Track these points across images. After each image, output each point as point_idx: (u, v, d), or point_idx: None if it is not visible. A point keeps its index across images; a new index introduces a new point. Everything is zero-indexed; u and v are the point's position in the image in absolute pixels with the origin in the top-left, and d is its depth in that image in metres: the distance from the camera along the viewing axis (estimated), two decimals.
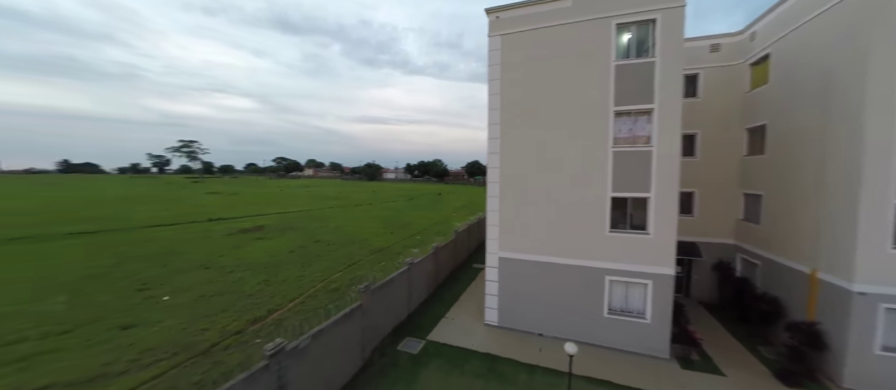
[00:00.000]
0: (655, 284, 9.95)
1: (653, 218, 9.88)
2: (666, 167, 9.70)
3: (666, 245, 9.79)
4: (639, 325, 10.21)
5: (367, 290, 9.72)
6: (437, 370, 9.54)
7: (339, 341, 8.61)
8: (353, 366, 9.27)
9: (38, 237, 24.70)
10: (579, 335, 10.72)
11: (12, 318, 12.26)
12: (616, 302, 10.55)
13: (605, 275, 10.46)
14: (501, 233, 11.72)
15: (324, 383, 8.03)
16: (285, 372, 6.79)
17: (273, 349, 6.54)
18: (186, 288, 15.58)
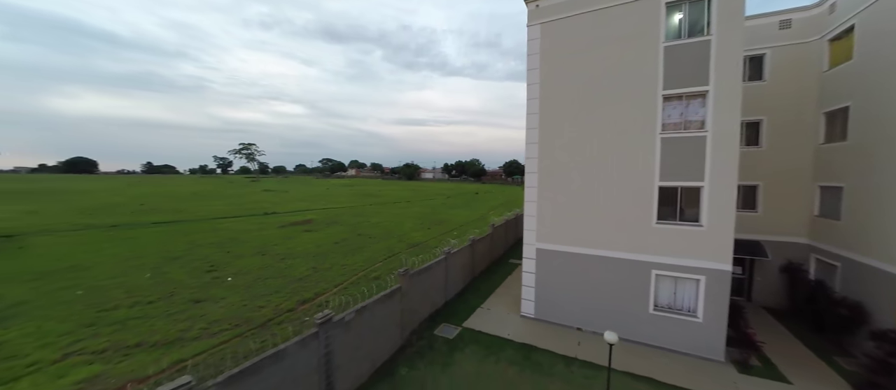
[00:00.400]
0: (709, 280, 9.23)
1: (706, 208, 9.17)
2: (722, 153, 8.96)
3: (722, 238, 9.04)
4: (689, 324, 9.54)
5: (405, 274, 10.12)
6: (473, 355, 9.68)
7: (380, 320, 9.07)
8: (392, 346, 9.71)
9: (130, 225, 28.70)
10: (621, 331, 10.24)
11: (110, 290, 14.44)
12: (663, 299, 9.94)
13: (652, 269, 9.90)
14: (539, 225, 11.55)
15: (365, 356, 8.53)
16: (332, 341, 7.34)
17: (322, 318, 7.11)
18: (246, 271, 17.24)
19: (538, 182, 11.47)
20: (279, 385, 6.25)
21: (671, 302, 9.85)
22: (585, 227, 10.81)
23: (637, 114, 9.91)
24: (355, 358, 8.19)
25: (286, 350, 6.40)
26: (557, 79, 11.11)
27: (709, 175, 9.11)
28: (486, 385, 8.37)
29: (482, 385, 8.37)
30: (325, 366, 7.24)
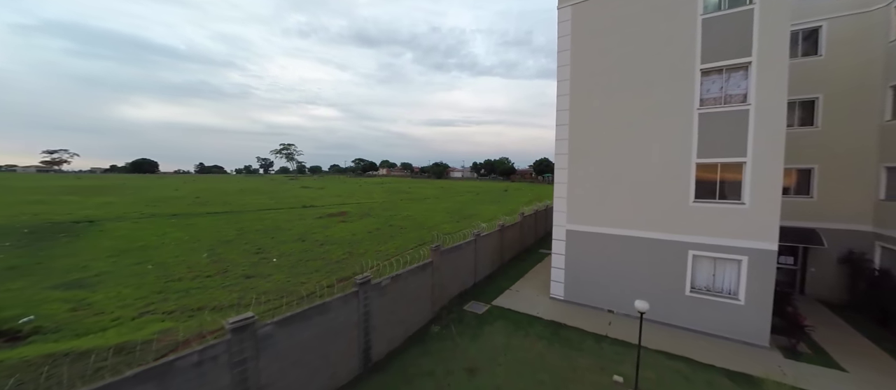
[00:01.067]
0: (752, 261, 8.81)
1: (749, 186, 8.77)
2: (768, 127, 8.54)
3: (766, 216, 8.61)
4: (729, 307, 9.15)
5: (437, 250, 10.56)
6: (502, 329, 9.91)
7: (413, 290, 9.57)
8: (424, 317, 10.17)
9: (187, 214, 31.70)
10: (656, 315, 10.02)
11: (174, 266, 16.19)
12: (701, 280, 9.60)
13: (688, 250, 9.60)
14: (570, 207, 11.54)
15: (399, 322, 9.05)
16: (370, 302, 7.92)
17: (361, 280, 7.71)
18: (288, 254, 18.58)
19: (569, 163, 11.46)
20: (324, 334, 6.90)
21: (709, 284, 9.50)
22: (618, 208, 10.67)
23: (672, 91, 9.67)
24: (390, 322, 8.73)
25: (330, 304, 7.04)
26: (589, 59, 11.06)
27: (752, 150, 8.71)
28: (515, 355, 8.57)
29: (511, 355, 8.59)
30: (364, 324, 7.83)
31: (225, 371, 5.31)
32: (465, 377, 7.68)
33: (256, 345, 5.70)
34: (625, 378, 7.58)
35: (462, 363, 8.21)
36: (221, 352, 5.29)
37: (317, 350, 6.79)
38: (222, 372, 5.28)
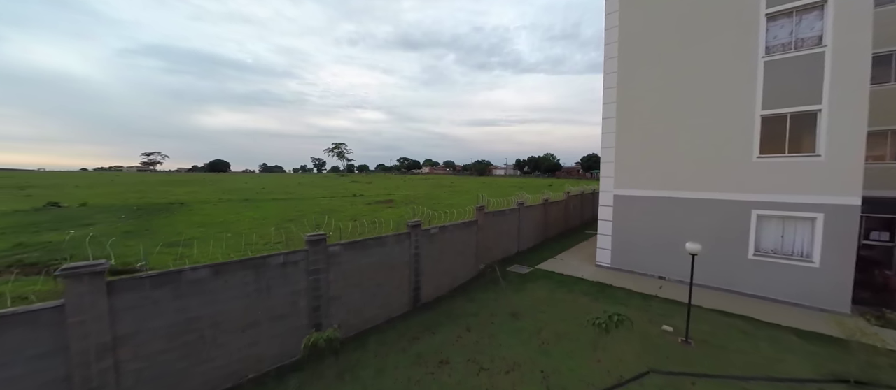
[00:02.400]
0: (829, 218, 8.04)
1: (825, 135, 8.02)
2: (849, 69, 7.75)
3: (847, 168, 7.82)
4: (801, 270, 8.42)
5: (481, 210, 11.00)
6: (545, 286, 10.08)
7: (458, 244, 10.12)
8: (468, 274, 10.67)
9: (256, 200, 35.62)
10: (714, 281, 9.50)
11: (248, 235, 18.48)
12: (766, 242, 8.93)
13: (752, 209, 8.99)
14: (618, 171, 11.30)
15: (445, 272, 9.64)
16: (419, 245, 8.61)
17: (412, 223, 8.43)
18: (342, 229, 20.20)
19: (617, 126, 11.24)
20: (381, 265, 7.71)
21: (777, 247, 8.81)
22: (671, 168, 10.27)
23: (733, 40, 9.12)
24: (437, 271, 9.36)
25: (386, 239, 7.85)
26: (639, 14, 10.76)
27: (829, 96, 7.96)
28: (558, 306, 8.72)
29: (554, 306, 8.75)
30: (415, 265, 8.54)
31: (303, 275, 6.28)
32: (509, 318, 8.04)
33: (327, 260, 6.63)
34: (675, 328, 7.41)
35: (505, 309, 8.56)
36: (300, 259, 6.27)
37: (374, 278, 7.61)
38: (301, 276, 6.25)
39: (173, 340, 4.90)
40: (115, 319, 4.41)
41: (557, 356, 6.41)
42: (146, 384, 4.69)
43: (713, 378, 5.80)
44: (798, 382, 5.68)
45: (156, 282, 4.75)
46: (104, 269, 4.29)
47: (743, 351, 6.57)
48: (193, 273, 5.09)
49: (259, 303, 5.76)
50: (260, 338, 5.80)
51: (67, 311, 4.09)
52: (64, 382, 4.11)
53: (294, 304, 6.22)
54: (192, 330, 5.07)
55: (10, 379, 3.81)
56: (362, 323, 7.45)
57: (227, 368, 5.45)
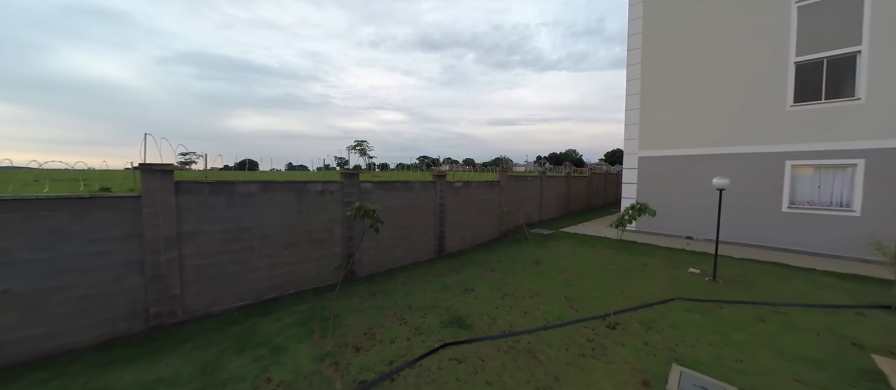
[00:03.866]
0: (870, 164, 7.72)
1: (866, 77, 7.71)
2: (891, 6, 7.43)
3: (891, 109, 7.49)
4: (840, 220, 8.10)
5: (503, 173, 11.21)
6: (567, 243, 10.15)
7: (481, 203, 10.37)
8: (490, 234, 10.89)
9: None
10: (745, 237, 9.28)
11: None
12: (802, 193, 8.64)
13: (786, 160, 8.73)
14: (642, 132, 11.20)
15: (468, 228, 9.92)
16: (444, 196, 8.94)
17: (437, 173, 8.77)
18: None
19: (641, 87, 11.15)
20: (408, 208, 8.10)
21: (813, 198, 8.51)
22: (698, 125, 10.09)
23: None
24: (461, 225, 9.65)
25: (413, 184, 8.22)
26: None
27: (869, 37, 7.65)
28: (581, 257, 8.79)
29: (577, 258, 8.83)
30: (440, 214, 8.87)
31: (338, 205, 6.74)
32: (532, 265, 8.20)
33: (360, 195, 7.07)
34: (702, 271, 7.35)
35: (529, 258, 8.72)
36: (336, 190, 6.74)
37: (402, 221, 8.00)
38: (336, 205, 6.72)
39: (226, 245, 5.45)
40: (180, 216, 4.99)
41: (581, 288, 6.54)
42: (203, 281, 5.25)
43: (742, 304, 5.76)
44: (835, 308, 5.55)
45: (213, 188, 5.31)
46: (173, 169, 4.88)
47: (775, 288, 6.45)
48: (245, 186, 5.63)
49: (300, 225, 6.26)
50: (300, 259, 6.30)
51: (143, 202, 4.68)
52: (138, 265, 4.71)
53: (330, 232, 6.69)
54: (242, 239, 5.60)
55: (100, 254, 4.43)
56: (391, 262, 7.85)
57: (271, 281, 5.96)
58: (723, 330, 4.82)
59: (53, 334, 4.18)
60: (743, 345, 4.44)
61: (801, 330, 4.81)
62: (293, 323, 5.08)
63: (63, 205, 4.20)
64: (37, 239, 4.05)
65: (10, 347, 3.95)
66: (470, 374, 3.85)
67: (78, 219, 4.29)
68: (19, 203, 3.96)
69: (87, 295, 4.37)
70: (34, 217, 4.04)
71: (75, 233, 4.27)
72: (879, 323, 5.02)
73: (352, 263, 6.98)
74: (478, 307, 5.66)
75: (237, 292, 5.59)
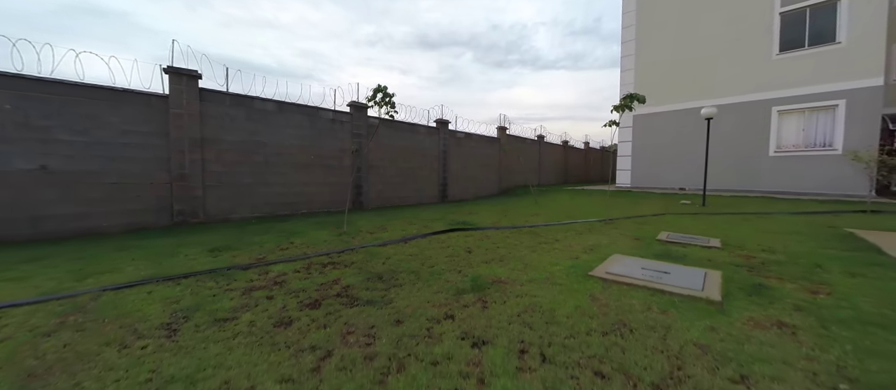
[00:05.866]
0: (851, 103, 8.16)
1: (846, 21, 8.17)
2: None
3: (869, 51, 7.94)
4: (824, 159, 8.53)
5: (503, 130, 11.57)
6: (566, 194, 10.53)
7: (482, 158, 10.72)
8: (491, 189, 11.24)
9: None
10: (736, 184, 9.69)
11: None
12: (787, 137, 9.08)
13: (772, 107, 9.16)
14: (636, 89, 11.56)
15: (469, 179, 10.25)
16: (447, 144, 9.29)
17: (440, 120, 9.11)
18: None
19: (636, 48, 11.57)
20: (414, 150, 8.42)
21: (798, 140, 8.94)
22: (690, 80, 10.52)
23: None
24: (462, 176, 10.00)
25: (418, 127, 8.57)
26: None
27: None
28: (581, 201, 9.15)
29: (577, 202, 9.19)
30: (443, 160, 9.21)
31: (348, 133, 7.07)
32: (531, 204, 8.55)
33: (367, 128, 7.40)
34: (692, 202, 7.74)
35: (530, 204, 9.08)
36: (346, 120, 7.07)
37: (408, 161, 8.33)
38: (346, 134, 7.04)
39: (245, 157, 5.76)
40: (203, 122, 5.30)
41: (582, 208, 6.92)
42: (223, 187, 5.55)
43: (730, 214, 6.15)
44: (815, 214, 5.95)
45: (234, 100, 5.63)
46: (199, 75, 5.19)
47: (761, 207, 6.85)
48: (262, 103, 5.95)
49: (312, 149, 6.58)
50: (312, 180, 6.61)
51: (170, 103, 4.99)
52: (165, 162, 5.01)
53: (340, 160, 7.01)
54: (259, 153, 5.92)
55: (130, 145, 4.73)
56: (397, 200, 8.18)
57: (285, 198, 6.28)
58: (710, 224, 5.21)
59: (86, 216, 4.47)
60: (729, 228, 4.83)
61: (782, 223, 5.21)
62: (310, 224, 5.40)
63: (99, 94, 4.50)
64: (74, 122, 4.35)
65: (48, 223, 4.24)
66: (474, 240, 4.19)
67: (112, 109, 4.59)
68: (61, 86, 4.26)
69: (118, 184, 4.67)
70: (73, 101, 4.34)
71: (109, 122, 4.58)
72: (853, 218, 5.44)
73: (361, 193, 7.31)
74: (482, 220, 6.01)
75: (254, 203, 5.90)
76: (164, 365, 1.54)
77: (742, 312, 2.00)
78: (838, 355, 1.54)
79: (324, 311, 2.12)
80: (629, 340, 1.71)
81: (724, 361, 1.51)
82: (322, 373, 1.48)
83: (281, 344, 1.73)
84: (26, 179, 4.09)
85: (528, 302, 2.20)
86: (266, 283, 2.64)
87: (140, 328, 1.92)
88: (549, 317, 1.97)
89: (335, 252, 3.62)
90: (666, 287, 2.34)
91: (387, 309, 2.14)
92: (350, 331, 1.86)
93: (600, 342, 1.69)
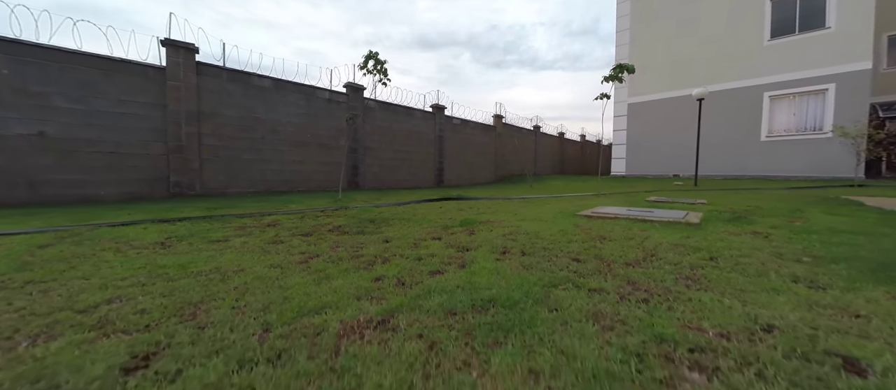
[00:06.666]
0: (840, 87, 8.28)
1: (834, 6, 8.30)
2: None
3: (857, 34, 8.07)
4: (814, 143, 8.64)
5: (498, 118, 11.66)
6: (561, 181, 10.61)
7: (478, 145, 10.80)
8: (487, 177, 11.31)
9: None
10: (728, 169, 9.79)
11: None
12: (778, 122, 9.19)
13: (764, 92, 9.28)
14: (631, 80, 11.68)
15: (465, 166, 10.33)
16: (443, 129, 9.36)
17: (436, 105, 9.19)
18: None
19: (631, 37, 11.69)
20: (410, 134, 8.49)
21: (788, 125, 9.06)
22: (684, 67, 10.62)
23: None
24: (459, 162, 10.07)
25: (414, 111, 8.64)
26: None
27: None
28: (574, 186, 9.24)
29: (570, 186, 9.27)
30: (439, 145, 9.28)
31: (343, 113, 7.13)
32: (527, 188, 8.64)
33: (364, 110, 7.47)
34: (684, 183, 7.83)
35: (524, 186, 9.17)
36: (342, 100, 7.13)
37: (405, 145, 8.39)
38: (342, 114, 7.10)
39: (242, 132, 5.81)
40: (200, 95, 5.36)
41: (577, 189, 6.99)
42: (220, 161, 5.60)
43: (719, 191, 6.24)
44: (806, 189, 6.05)
45: (231, 75, 5.69)
46: (196, 49, 5.25)
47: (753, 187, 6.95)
48: (259, 80, 6.01)
49: (308, 127, 6.64)
50: (308, 159, 6.67)
51: (168, 74, 5.05)
52: (162, 133, 5.06)
53: (336, 139, 7.06)
54: (256, 129, 5.97)
55: (127, 115, 4.78)
56: (393, 183, 8.24)
57: (282, 176, 6.33)
58: (700, 195, 5.30)
59: (84, 183, 4.51)
60: (718, 197, 4.92)
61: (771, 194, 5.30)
62: (306, 197, 5.46)
63: (97, 63, 4.56)
64: (72, 89, 4.40)
65: (46, 188, 4.28)
66: (468, 206, 4.25)
67: (109, 79, 4.65)
68: (58, 53, 4.32)
69: (116, 153, 4.72)
70: (70, 68, 4.39)
71: (106, 91, 4.63)
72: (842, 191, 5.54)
73: (357, 173, 7.36)
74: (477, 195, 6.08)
75: (250, 179, 5.95)
76: (157, 261, 1.60)
77: (719, 230, 2.07)
78: (805, 246, 1.62)
79: (315, 238, 2.18)
80: (607, 244, 1.77)
81: (696, 251, 1.58)
82: (309, 264, 1.54)
83: (271, 251, 1.79)
84: (24, 144, 4.14)
85: (514, 228, 2.27)
86: (260, 225, 2.69)
87: (135, 244, 1.98)
88: (534, 236, 2.03)
89: (330, 209, 3.68)
90: (648, 218, 2.41)
91: (376, 235, 2.20)
92: (339, 246, 1.93)
93: (580, 246, 1.76)
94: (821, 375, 0.67)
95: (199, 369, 0.73)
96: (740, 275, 1.23)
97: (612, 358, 0.74)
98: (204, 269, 1.44)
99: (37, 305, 1.07)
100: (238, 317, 0.97)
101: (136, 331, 0.90)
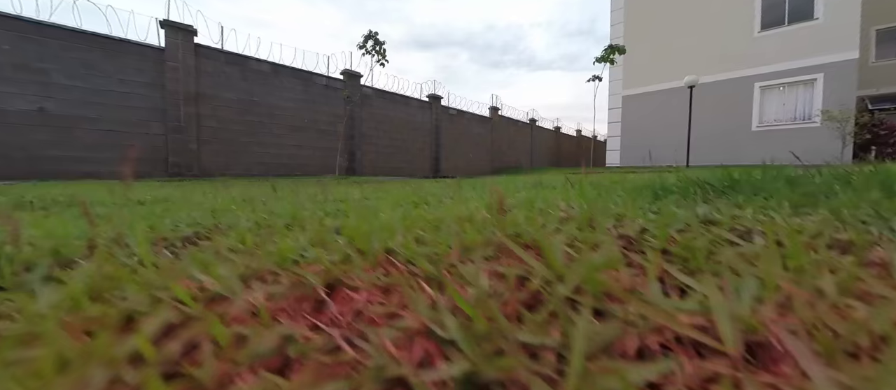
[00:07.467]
0: (828, 77, 8.46)
1: None
2: None
3: (845, 25, 8.24)
4: (803, 131, 8.82)
5: (495, 111, 11.76)
6: (558, 174, 10.75)
7: (474, 137, 10.90)
8: (483, 169, 11.42)
9: None
10: (720, 158, 9.92)
11: None
12: (769, 112, 9.37)
13: (754, 83, 9.45)
14: (626, 71, 11.84)
15: (462, 157, 10.43)
16: (440, 119, 9.46)
17: (432, 95, 9.28)
18: None
19: (625, 31, 11.83)
20: (407, 123, 8.58)
21: (778, 115, 9.24)
22: (678, 59, 10.75)
23: None
24: (455, 152, 10.17)
25: (411, 100, 8.73)
26: None
27: None
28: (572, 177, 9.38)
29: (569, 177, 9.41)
30: (436, 135, 9.38)
31: (341, 102, 7.20)
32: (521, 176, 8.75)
33: (361, 97, 7.54)
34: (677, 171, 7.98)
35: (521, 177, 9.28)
36: (340, 87, 7.20)
37: (401, 133, 8.48)
38: (339, 101, 7.18)
39: (240, 115, 5.88)
40: (199, 77, 5.42)
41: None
42: (218, 143, 5.67)
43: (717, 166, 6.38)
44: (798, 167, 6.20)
45: (229, 58, 5.75)
46: (195, 31, 5.31)
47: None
48: (257, 63, 6.08)
49: (306, 112, 6.71)
50: (306, 144, 6.74)
51: (166, 55, 5.10)
52: (160, 113, 5.12)
53: (333, 126, 7.13)
54: (254, 112, 6.04)
55: (127, 94, 4.84)
56: (389, 171, 8.31)
57: (279, 160, 6.40)
58: None
59: (83, 160, 4.57)
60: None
61: None
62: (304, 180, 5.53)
63: (97, 42, 4.61)
64: (72, 67, 4.46)
65: (45, 163, 4.33)
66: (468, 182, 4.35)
67: (109, 58, 4.70)
68: (59, 30, 4.37)
69: (115, 131, 4.78)
70: (71, 46, 4.44)
71: (105, 70, 4.68)
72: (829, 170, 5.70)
73: (354, 160, 7.44)
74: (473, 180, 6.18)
75: (248, 162, 6.01)
76: (155, 192, 1.69)
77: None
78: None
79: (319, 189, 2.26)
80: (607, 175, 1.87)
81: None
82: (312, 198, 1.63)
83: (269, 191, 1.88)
84: (24, 120, 4.18)
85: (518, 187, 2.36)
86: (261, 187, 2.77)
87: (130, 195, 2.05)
88: (535, 181, 2.13)
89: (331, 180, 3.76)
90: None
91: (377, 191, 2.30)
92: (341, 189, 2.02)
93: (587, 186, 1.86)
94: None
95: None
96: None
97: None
98: (200, 201, 1.53)
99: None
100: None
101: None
